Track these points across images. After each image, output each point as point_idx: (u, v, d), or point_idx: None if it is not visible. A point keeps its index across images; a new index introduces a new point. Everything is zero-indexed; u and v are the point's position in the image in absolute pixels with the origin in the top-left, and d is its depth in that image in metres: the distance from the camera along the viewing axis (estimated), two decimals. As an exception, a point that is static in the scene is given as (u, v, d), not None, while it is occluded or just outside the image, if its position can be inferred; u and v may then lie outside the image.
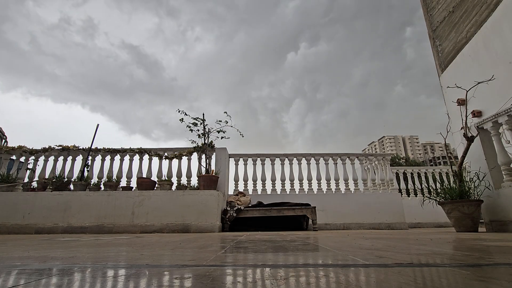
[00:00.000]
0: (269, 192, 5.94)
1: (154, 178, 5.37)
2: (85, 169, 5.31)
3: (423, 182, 7.97)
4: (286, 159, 6.10)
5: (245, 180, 6.02)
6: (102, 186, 5.22)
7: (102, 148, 5.57)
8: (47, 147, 5.57)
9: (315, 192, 5.87)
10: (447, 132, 4.71)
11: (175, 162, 5.50)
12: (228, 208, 4.88)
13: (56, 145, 5.57)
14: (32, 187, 5.23)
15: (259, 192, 5.95)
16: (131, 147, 5.62)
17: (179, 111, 5.26)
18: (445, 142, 4.52)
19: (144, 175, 5.43)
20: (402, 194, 7.50)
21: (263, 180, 6.02)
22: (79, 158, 5.59)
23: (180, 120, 5.21)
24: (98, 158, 5.59)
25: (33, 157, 5.62)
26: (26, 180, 5.46)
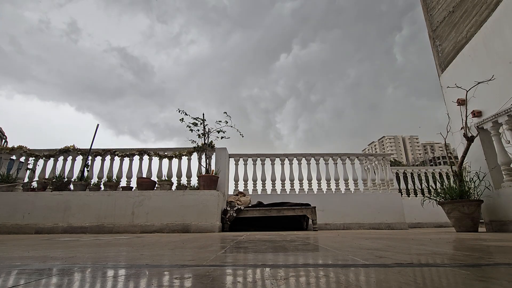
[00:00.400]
0: (269, 192, 5.94)
1: (154, 178, 5.37)
2: (85, 169, 5.31)
3: (423, 182, 7.97)
4: (286, 159, 6.10)
5: (245, 180, 6.02)
6: (102, 186, 5.22)
7: (102, 148, 5.57)
8: (50, 148, 5.58)
9: (315, 192, 5.87)
10: (447, 132, 4.71)
11: (175, 162, 5.50)
12: (228, 208, 4.88)
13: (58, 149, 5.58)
14: (32, 187, 5.23)
15: (259, 192, 5.95)
16: (131, 147, 5.62)
17: (179, 111, 5.26)
18: (445, 142, 4.52)
19: (144, 175, 5.43)
20: (402, 194, 7.50)
21: (263, 180, 6.02)
22: (79, 158, 5.58)
23: (180, 120, 5.22)
24: (98, 158, 5.59)
25: (33, 158, 5.63)
26: (26, 180, 5.46)
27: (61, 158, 5.62)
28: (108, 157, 5.58)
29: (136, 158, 5.58)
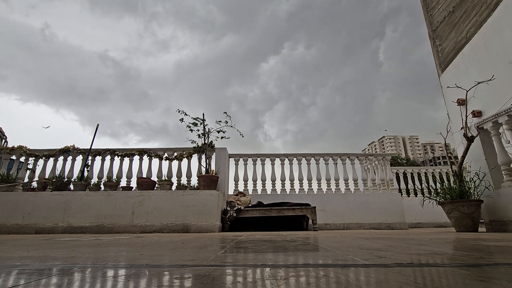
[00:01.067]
0: (269, 192, 5.94)
1: (154, 178, 5.37)
2: (85, 169, 5.31)
3: (423, 182, 7.97)
4: (286, 159, 6.10)
5: (245, 180, 6.02)
6: (102, 186, 5.22)
7: (102, 148, 5.58)
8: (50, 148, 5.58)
9: (315, 192, 5.87)
10: (447, 132, 4.71)
11: (175, 162, 5.50)
12: (228, 208, 4.88)
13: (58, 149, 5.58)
14: (32, 187, 5.23)
15: (259, 192, 5.95)
16: (131, 147, 5.63)
17: (178, 111, 5.26)
18: (445, 142, 4.52)
19: (144, 175, 5.43)
20: (402, 194, 7.50)
21: (263, 180, 6.02)
22: (79, 158, 5.59)
23: (180, 120, 5.22)
24: (98, 158, 5.59)
25: (33, 158, 5.63)
26: (26, 180, 5.46)
27: (61, 158, 5.62)
28: (108, 157, 5.58)
29: (136, 158, 5.58)
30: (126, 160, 5.59)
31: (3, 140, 13.27)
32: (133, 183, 5.27)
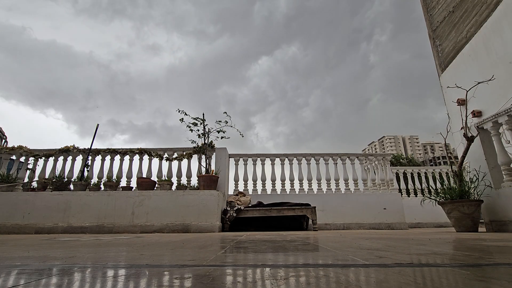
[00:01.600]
0: (269, 192, 5.94)
1: (154, 178, 5.37)
2: (85, 169, 5.31)
3: (423, 182, 7.97)
4: (286, 159, 6.10)
5: (245, 180, 6.02)
6: (102, 186, 5.22)
7: (102, 148, 5.58)
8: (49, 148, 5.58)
9: (315, 192, 5.87)
10: (447, 132, 4.71)
11: (175, 162, 5.50)
12: (228, 208, 4.88)
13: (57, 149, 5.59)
14: (32, 187, 5.23)
15: (259, 192, 5.95)
16: (131, 148, 5.63)
17: (179, 111, 5.26)
18: (445, 142, 4.52)
19: (144, 175, 5.43)
20: (402, 194, 7.50)
21: (263, 180, 6.02)
22: (79, 158, 5.59)
23: (180, 120, 5.22)
24: (98, 158, 5.59)
25: (33, 158, 5.63)
26: (26, 180, 5.46)
27: (61, 158, 5.62)
28: (108, 157, 5.58)
29: (136, 158, 5.58)
30: (126, 160, 5.59)
31: (3, 140, 13.28)
32: (133, 183, 5.28)
